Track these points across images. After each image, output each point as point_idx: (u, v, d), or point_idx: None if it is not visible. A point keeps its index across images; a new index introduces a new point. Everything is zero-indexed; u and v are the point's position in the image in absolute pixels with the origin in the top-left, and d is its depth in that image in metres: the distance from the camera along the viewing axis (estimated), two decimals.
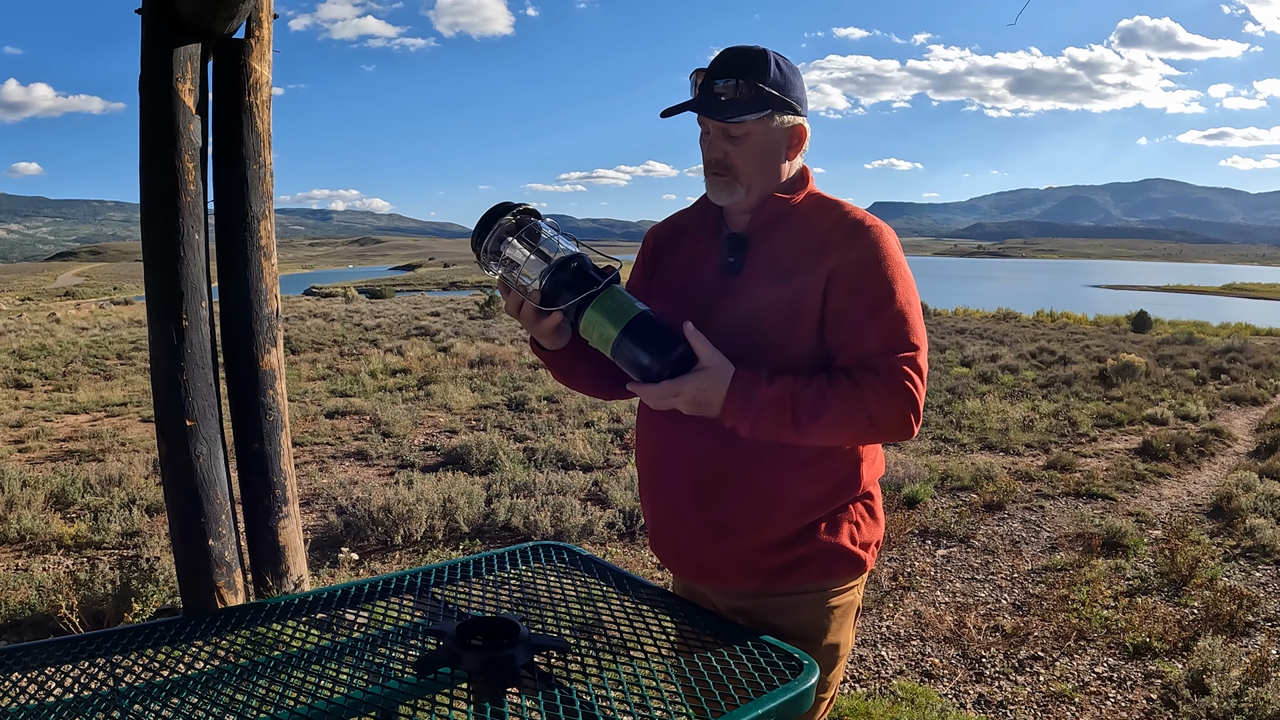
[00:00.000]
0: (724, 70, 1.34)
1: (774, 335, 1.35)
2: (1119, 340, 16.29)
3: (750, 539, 1.40)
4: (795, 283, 1.34)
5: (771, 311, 1.35)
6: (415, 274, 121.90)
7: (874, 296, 1.32)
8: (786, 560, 1.40)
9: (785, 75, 1.36)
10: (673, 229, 1.56)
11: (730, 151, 1.37)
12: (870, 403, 1.27)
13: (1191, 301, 45.11)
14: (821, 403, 1.28)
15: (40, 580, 3.64)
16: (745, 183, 1.38)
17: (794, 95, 1.37)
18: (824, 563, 1.41)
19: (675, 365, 1.26)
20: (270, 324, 3.18)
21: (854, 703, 2.80)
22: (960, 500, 5.28)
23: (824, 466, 1.39)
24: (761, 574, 1.41)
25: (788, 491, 1.38)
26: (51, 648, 1.38)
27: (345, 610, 1.54)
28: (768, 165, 1.39)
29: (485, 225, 1.30)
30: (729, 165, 1.37)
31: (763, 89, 1.33)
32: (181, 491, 2.90)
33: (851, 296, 1.32)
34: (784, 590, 1.42)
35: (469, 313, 21.30)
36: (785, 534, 1.39)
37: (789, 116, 1.37)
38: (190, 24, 2.83)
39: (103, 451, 6.44)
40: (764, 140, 1.37)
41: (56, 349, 13.60)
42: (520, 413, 7.97)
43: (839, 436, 1.33)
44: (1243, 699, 2.72)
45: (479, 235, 1.31)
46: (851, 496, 1.44)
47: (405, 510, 4.41)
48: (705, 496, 1.41)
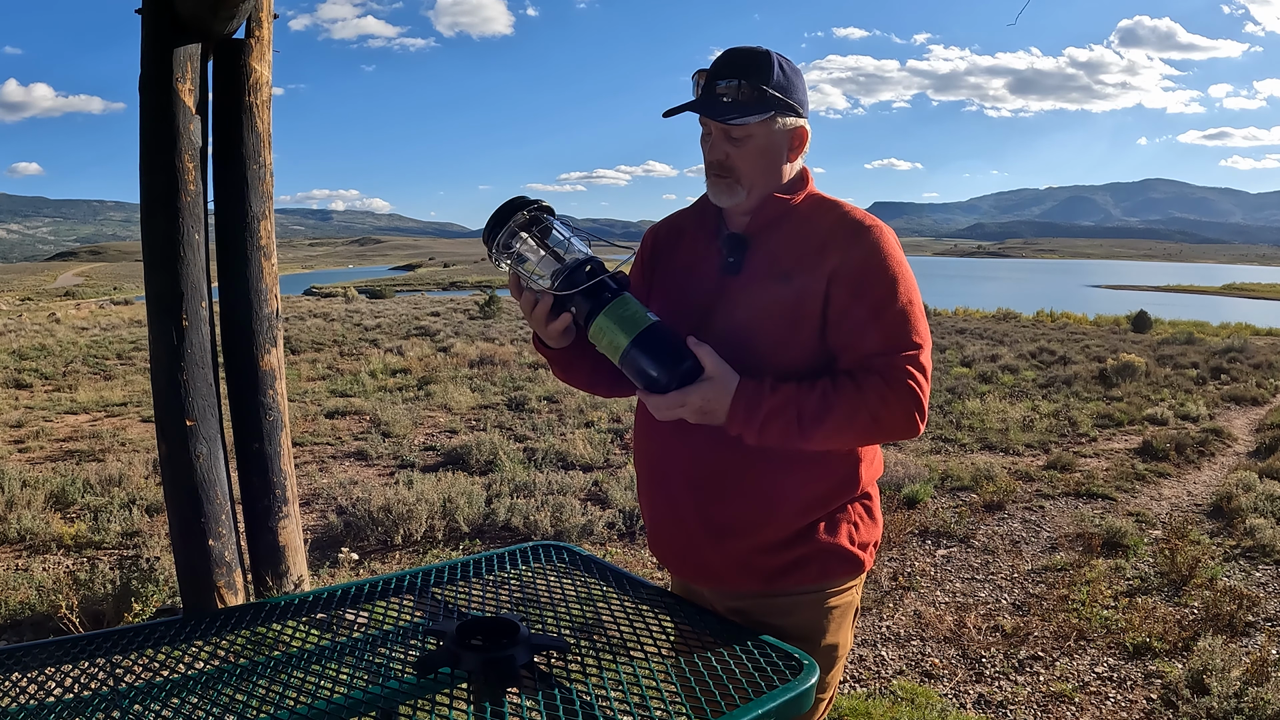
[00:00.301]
0: (726, 71, 1.34)
1: (774, 336, 1.35)
2: (1119, 340, 16.30)
3: (749, 540, 1.40)
4: (795, 283, 1.34)
5: (772, 313, 1.35)
6: (415, 274, 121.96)
7: (876, 297, 1.32)
8: (785, 561, 1.40)
9: (788, 77, 1.36)
10: (672, 229, 1.56)
11: (732, 153, 1.37)
12: (874, 404, 1.28)
13: (1191, 301, 45.11)
14: (826, 407, 1.28)
15: (40, 580, 3.64)
16: (746, 184, 1.38)
17: (796, 97, 1.37)
18: (822, 563, 1.41)
19: (683, 378, 1.27)
20: (270, 324, 3.18)
21: (854, 703, 2.80)
22: (960, 500, 5.28)
23: (823, 467, 1.38)
24: (760, 574, 1.41)
25: (786, 492, 1.38)
26: (51, 648, 1.38)
27: (345, 610, 1.54)
28: (769, 167, 1.39)
29: (499, 220, 1.28)
30: (730, 167, 1.37)
31: (765, 91, 1.32)
32: (181, 491, 2.90)
33: (853, 297, 1.32)
34: (782, 591, 1.41)
35: (469, 313, 21.30)
36: (784, 535, 1.39)
37: (791, 119, 1.37)
38: (190, 24, 2.83)
39: (103, 451, 6.44)
40: (766, 142, 1.36)
41: (56, 349, 13.60)
42: (520, 413, 7.97)
43: (845, 439, 1.33)
44: (1243, 699, 2.72)
45: (492, 229, 1.29)
46: (850, 497, 1.44)
47: (405, 510, 4.41)
48: (703, 497, 1.41)
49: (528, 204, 1.29)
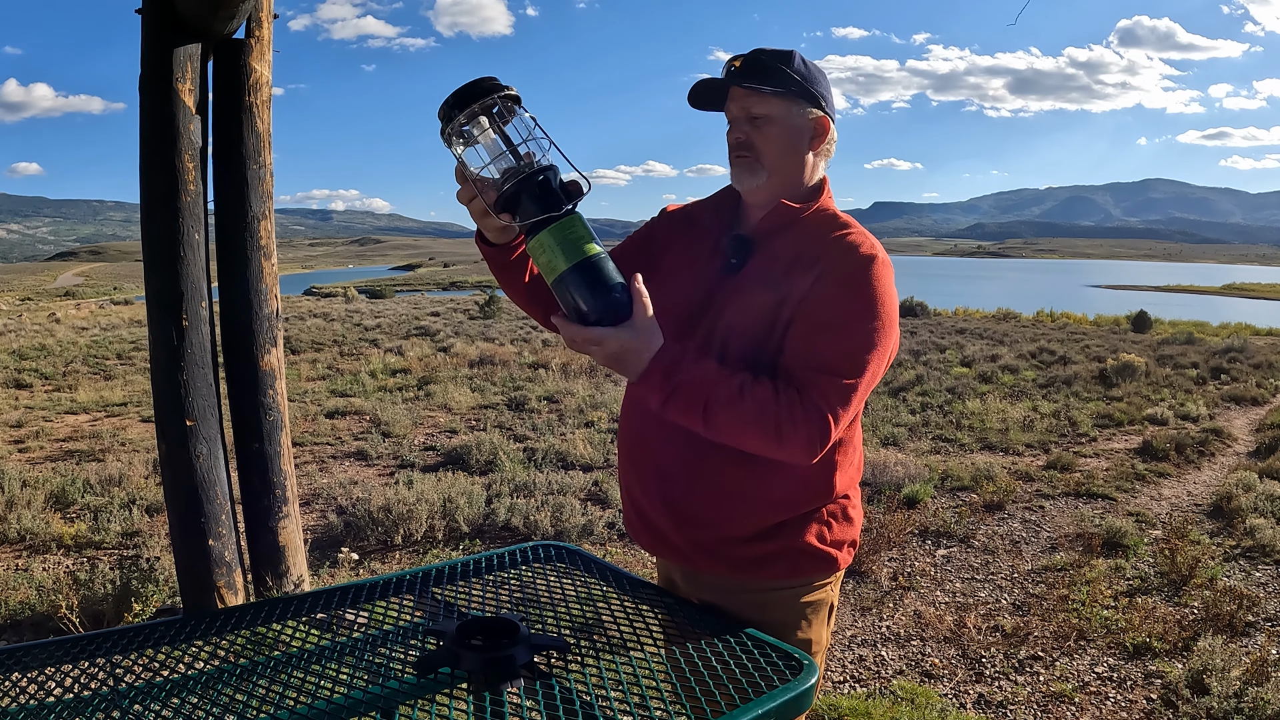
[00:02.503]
0: (751, 55, 1.38)
1: (753, 336, 1.35)
2: (1119, 340, 16.30)
3: (711, 531, 1.41)
4: (782, 291, 1.34)
5: (756, 316, 1.35)
6: (415, 274, 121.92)
7: (834, 315, 1.29)
8: (753, 554, 1.41)
9: (809, 69, 1.39)
10: (686, 216, 1.57)
11: (751, 133, 1.39)
12: (782, 414, 1.23)
13: (1191, 301, 45.12)
14: (738, 398, 1.23)
15: (40, 580, 3.64)
16: (768, 165, 1.40)
17: (816, 89, 1.39)
18: (792, 561, 1.41)
19: (609, 315, 1.19)
20: (270, 324, 3.18)
21: (854, 703, 2.80)
22: (960, 500, 5.28)
23: (795, 472, 1.35)
24: (726, 561, 1.42)
25: (754, 492, 1.38)
26: (51, 648, 1.38)
27: (345, 610, 1.54)
28: (789, 150, 1.40)
29: (463, 99, 1.16)
30: (751, 145, 1.39)
31: (785, 70, 1.36)
32: (181, 491, 2.90)
33: (816, 306, 1.30)
34: (752, 584, 1.42)
35: (469, 313, 21.30)
36: (749, 531, 1.40)
37: (812, 108, 1.39)
38: (190, 24, 2.83)
39: (103, 451, 6.44)
40: (786, 124, 1.39)
41: (56, 349, 13.60)
42: (520, 413, 7.97)
43: (745, 438, 1.27)
44: (1243, 699, 2.72)
45: (451, 108, 1.17)
46: (823, 502, 1.43)
47: (405, 510, 4.41)
48: (669, 485, 1.43)
49: (498, 89, 1.17)
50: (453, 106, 1.17)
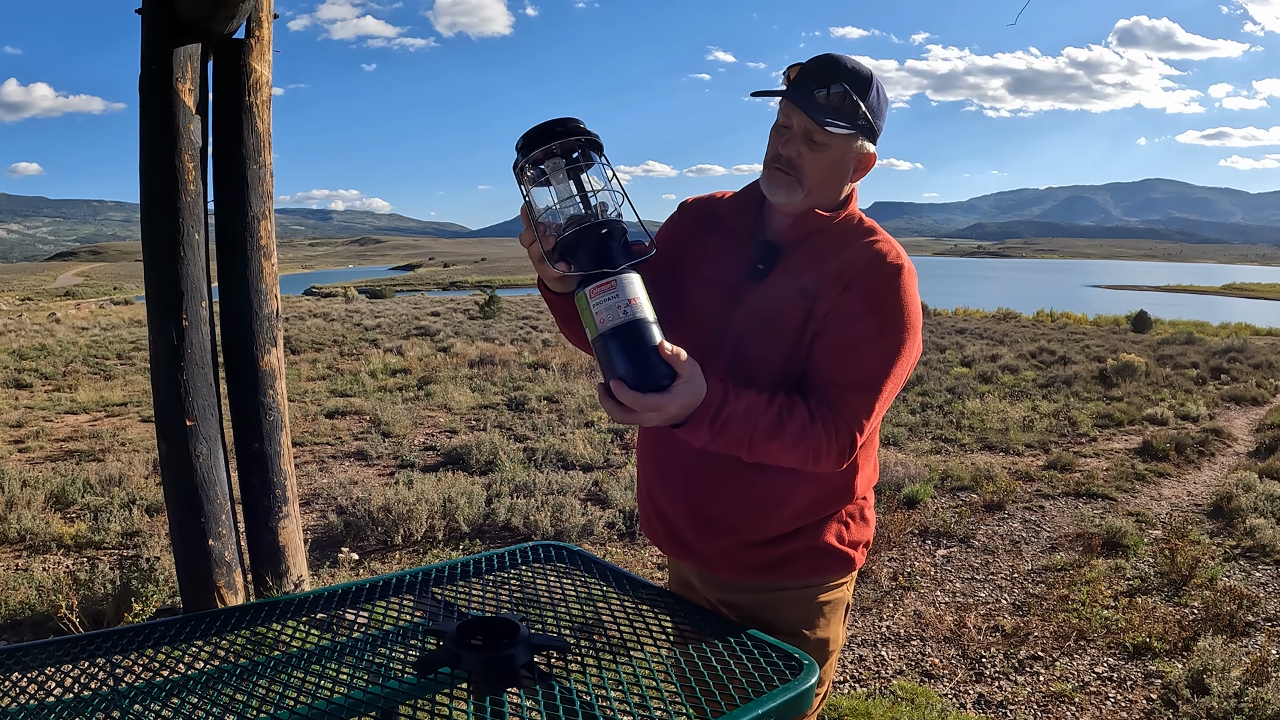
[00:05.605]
0: (831, 75, 1.32)
1: (770, 341, 1.35)
2: (1119, 340, 16.30)
3: (735, 537, 1.42)
4: (808, 300, 1.33)
5: (777, 322, 1.35)
6: (415, 274, 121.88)
7: (862, 331, 1.30)
8: (773, 557, 1.42)
9: (880, 103, 1.36)
10: (708, 213, 1.53)
11: (805, 154, 1.35)
12: (820, 440, 1.27)
13: (1191, 301, 45.13)
14: (779, 430, 1.26)
15: (40, 580, 3.64)
16: (807, 188, 1.36)
17: (879, 124, 1.38)
18: (811, 560, 1.42)
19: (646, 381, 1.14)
20: (270, 324, 3.18)
21: (854, 703, 2.80)
22: (960, 500, 5.28)
23: (820, 475, 1.37)
24: (746, 567, 1.43)
25: (780, 499, 1.39)
26: (51, 648, 1.38)
27: (345, 610, 1.54)
28: (833, 179, 1.38)
29: (541, 136, 1.13)
30: (799, 166, 1.35)
31: (860, 108, 1.32)
32: (181, 491, 2.90)
33: (844, 322, 1.31)
34: (771, 585, 1.43)
35: (469, 313, 21.30)
36: (771, 535, 1.41)
37: (868, 144, 1.38)
38: (190, 24, 2.83)
39: (103, 451, 6.44)
40: (840, 155, 1.36)
41: (56, 349, 13.59)
42: (520, 413, 7.97)
43: (783, 460, 1.30)
44: (1243, 699, 2.72)
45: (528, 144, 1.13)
46: (844, 504, 1.45)
47: (405, 510, 4.41)
48: (696, 492, 1.43)
49: (582, 132, 1.13)
50: (531, 141, 1.13)
